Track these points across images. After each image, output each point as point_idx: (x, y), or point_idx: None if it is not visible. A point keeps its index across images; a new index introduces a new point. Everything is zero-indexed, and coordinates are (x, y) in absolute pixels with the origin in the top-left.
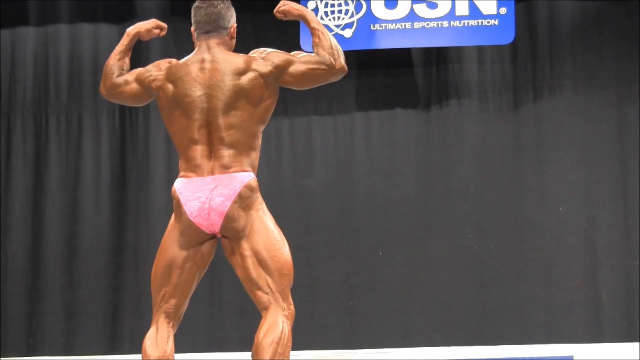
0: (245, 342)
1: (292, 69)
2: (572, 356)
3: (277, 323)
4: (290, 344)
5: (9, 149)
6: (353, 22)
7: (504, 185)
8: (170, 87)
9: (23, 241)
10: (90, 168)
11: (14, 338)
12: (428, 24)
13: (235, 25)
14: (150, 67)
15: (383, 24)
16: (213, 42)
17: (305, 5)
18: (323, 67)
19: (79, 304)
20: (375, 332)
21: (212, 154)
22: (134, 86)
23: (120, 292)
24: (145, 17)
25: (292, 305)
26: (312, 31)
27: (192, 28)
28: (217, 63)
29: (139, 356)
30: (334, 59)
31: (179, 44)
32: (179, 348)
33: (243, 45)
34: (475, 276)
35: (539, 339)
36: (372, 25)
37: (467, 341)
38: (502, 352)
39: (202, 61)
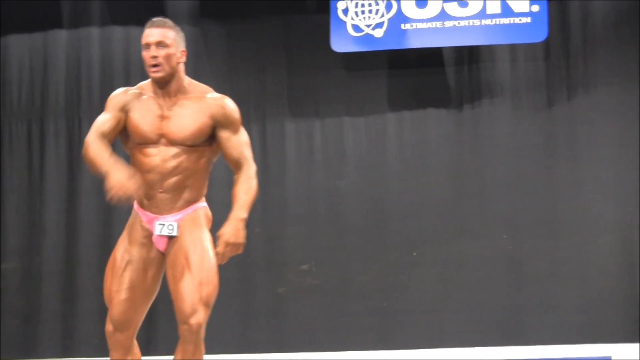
0: (279, 343)
1: None
2: (610, 356)
3: None
4: None
5: (43, 152)
6: (383, 22)
7: (538, 184)
8: None
9: (58, 243)
10: None
11: (50, 339)
12: (459, 23)
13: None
14: None
15: (414, 23)
16: None
17: (335, 6)
18: None
19: None
20: (410, 333)
21: None
22: None
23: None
24: (176, 19)
25: None
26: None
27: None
28: None
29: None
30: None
31: (208, 45)
32: (213, 349)
33: (270, 49)
34: (510, 276)
35: (576, 339)
36: (402, 25)
37: (502, 341)
38: (538, 352)
39: None
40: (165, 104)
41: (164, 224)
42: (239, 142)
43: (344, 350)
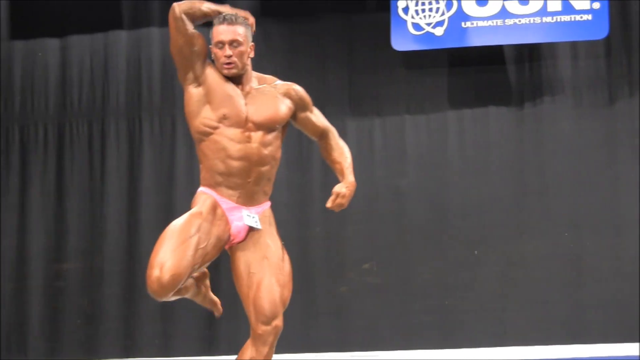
0: (341, 342)
1: None
2: None
3: None
4: None
5: (103, 152)
6: (444, 20)
7: (600, 181)
8: None
9: (119, 243)
10: (184, 170)
11: (111, 339)
12: (520, 21)
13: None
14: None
15: (474, 22)
16: None
17: (395, 5)
18: None
19: (175, 305)
20: (472, 331)
21: None
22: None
23: (216, 293)
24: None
25: None
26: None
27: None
28: None
29: (235, 357)
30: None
31: (269, 44)
32: (276, 348)
33: (331, 48)
34: (572, 274)
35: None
36: (463, 23)
37: (565, 340)
38: (601, 350)
39: None
40: (239, 88)
41: (250, 215)
42: (317, 116)
43: (406, 349)
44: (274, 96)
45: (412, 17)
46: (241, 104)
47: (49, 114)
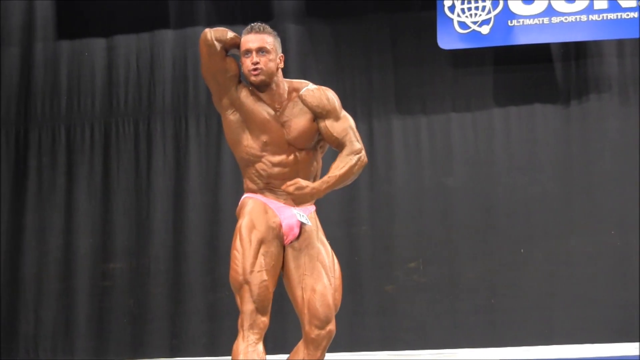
0: (388, 341)
1: None
2: None
3: None
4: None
5: (150, 152)
6: (490, 19)
7: None
8: None
9: (165, 243)
10: (230, 169)
11: (158, 339)
12: (566, 19)
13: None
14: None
15: (520, 20)
16: None
17: (442, 4)
18: None
19: (221, 304)
20: (519, 330)
21: None
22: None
23: None
24: (282, 19)
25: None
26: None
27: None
28: None
29: (283, 356)
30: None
31: (314, 44)
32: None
33: (377, 47)
34: (619, 272)
35: None
36: (509, 21)
37: (612, 338)
38: None
39: None
40: (274, 109)
41: (299, 213)
42: (340, 127)
43: (453, 347)
44: (303, 111)
45: (458, 15)
46: (279, 127)
47: (95, 114)
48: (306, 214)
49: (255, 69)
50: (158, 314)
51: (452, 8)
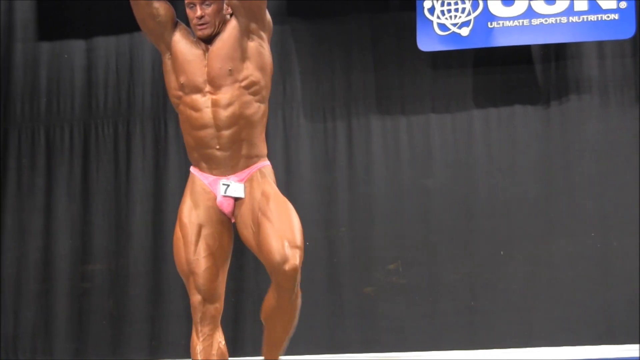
0: (366, 343)
1: None
2: None
3: None
4: None
5: (129, 153)
6: (470, 20)
7: (627, 181)
8: None
9: (144, 244)
10: None
11: (137, 341)
12: (546, 20)
13: None
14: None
15: (500, 21)
16: None
17: (421, 5)
18: None
19: None
20: (498, 332)
21: None
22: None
23: (241, 294)
24: None
25: None
26: None
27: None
28: None
29: (261, 358)
30: None
31: (295, 44)
32: (299, 349)
33: (357, 48)
34: (599, 274)
35: None
36: (489, 23)
37: (592, 340)
38: (629, 351)
39: None
40: (206, 52)
41: (228, 184)
42: None
43: (433, 349)
44: (231, 35)
45: (438, 17)
46: (200, 66)
47: (75, 116)
48: (245, 177)
49: (201, 24)
50: (137, 316)
51: (431, 10)
